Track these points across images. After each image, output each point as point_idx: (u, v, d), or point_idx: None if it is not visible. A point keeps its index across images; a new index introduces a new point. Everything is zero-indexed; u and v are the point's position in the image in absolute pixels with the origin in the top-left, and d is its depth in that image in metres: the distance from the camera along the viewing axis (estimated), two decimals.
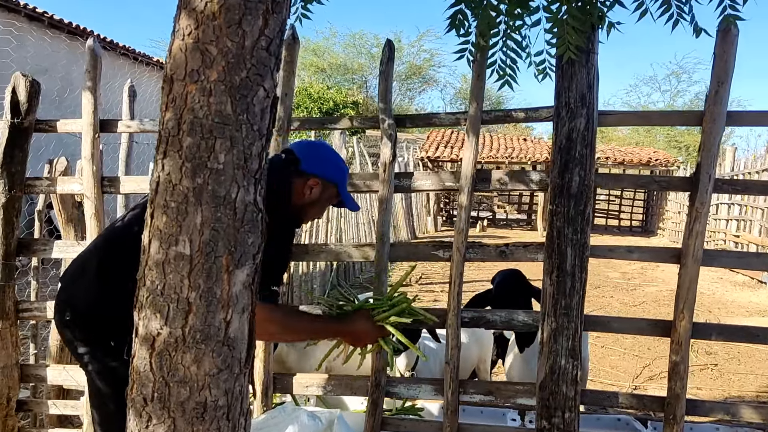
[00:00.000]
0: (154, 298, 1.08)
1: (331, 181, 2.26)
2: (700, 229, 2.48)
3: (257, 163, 1.11)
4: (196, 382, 1.07)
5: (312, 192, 2.22)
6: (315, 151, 2.29)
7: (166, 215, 1.07)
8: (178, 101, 1.06)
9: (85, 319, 1.98)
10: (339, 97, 22.47)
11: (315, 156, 2.25)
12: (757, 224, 11.38)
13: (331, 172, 2.26)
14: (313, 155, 2.25)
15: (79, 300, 2.01)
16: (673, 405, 2.54)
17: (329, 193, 2.28)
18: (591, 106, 2.50)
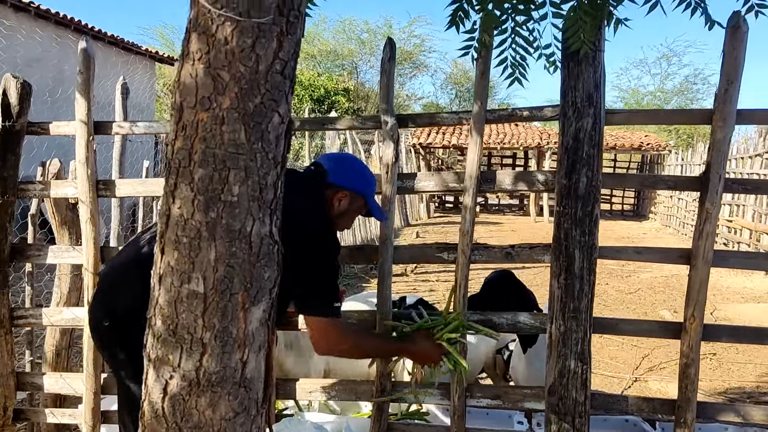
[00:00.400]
0: (165, 339, 1.02)
1: (360, 193, 2.32)
2: (710, 230, 2.44)
3: (272, 193, 1.05)
4: (212, 427, 1.02)
5: (341, 204, 2.28)
6: (342, 163, 2.36)
7: (177, 251, 1.00)
8: (189, 130, 0.99)
9: (125, 324, 1.99)
10: (330, 83, 22.29)
11: (342, 168, 2.31)
12: (750, 209, 11.40)
13: (359, 184, 2.32)
14: (341, 168, 2.31)
15: (120, 306, 2.05)
16: (683, 408, 2.51)
17: (357, 204, 2.33)
18: (598, 106, 2.44)
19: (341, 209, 2.30)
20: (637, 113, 2.63)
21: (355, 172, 2.34)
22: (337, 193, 2.27)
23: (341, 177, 2.29)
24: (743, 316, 7.17)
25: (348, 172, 2.32)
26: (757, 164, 11.22)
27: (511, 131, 21.33)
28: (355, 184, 2.31)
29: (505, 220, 19.29)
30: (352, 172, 2.33)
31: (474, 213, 2.64)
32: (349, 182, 2.29)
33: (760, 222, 10.87)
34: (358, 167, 2.39)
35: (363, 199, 2.34)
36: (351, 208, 2.32)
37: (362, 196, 2.33)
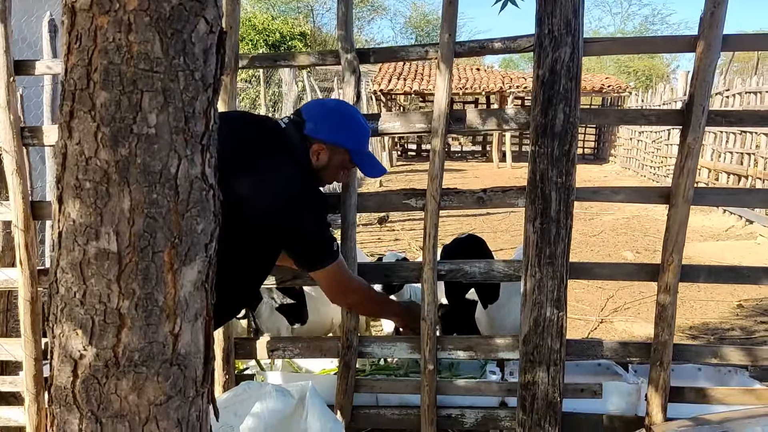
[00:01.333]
0: (71, 309, 0.80)
1: (341, 146, 2.09)
2: (692, 167, 2.30)
3: (203, 124, 0.82)
4: (138, 414, 0.82)
5: (319, 158, 2.08)
6: (321, 112, 2.12)
7: (79, 200, 0.78)
8: (85, 40, 0.76)
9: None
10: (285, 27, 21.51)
11: (321, 118, 2.08)
12: (709, 148, 11.49)
13: (339, 138, 2.09)
14: (320, 117, 2.08)
15: None
16: (660, 351, 2.42)
17: (339, 159, 2.11)
18: (577, 34, 2.24)
19: (320, 163, 2.08)
20: (617, 42, 2.43)
21: (335, 123, 2.10)
22: (314, 146, 2.06)
23: (317, 128, 2.06)
24: (703, 254, 7.24)
25: (327, 123, 2.08)
26: (717, 102, 11.25)
27: (473, 76, 21.05)
28: (334, 137, 2.08)
29: (468, 167, 19.21)
30: (331, 122, 2.09)
31: (443, 156, 2.45)
32: (327, 134, 2.07)
33: (719, 161, 10.97)
34: (342, 117, 2.13)
35: (347, 154, 2.12)
36: (331, 162, 2.10)
37: (344, 150, 2.11)
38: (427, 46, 2.46)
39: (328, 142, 2.07)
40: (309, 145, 2.06)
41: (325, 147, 2.06)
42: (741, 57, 21.15)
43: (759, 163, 9.31)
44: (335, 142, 2.08)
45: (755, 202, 2.53)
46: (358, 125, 2.15)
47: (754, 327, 4.98)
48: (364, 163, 2.17)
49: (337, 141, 2.08)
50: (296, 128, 2.07)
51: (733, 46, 2.31)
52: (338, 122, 2.10)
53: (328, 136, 2.07)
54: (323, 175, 2.13)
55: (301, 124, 2.06)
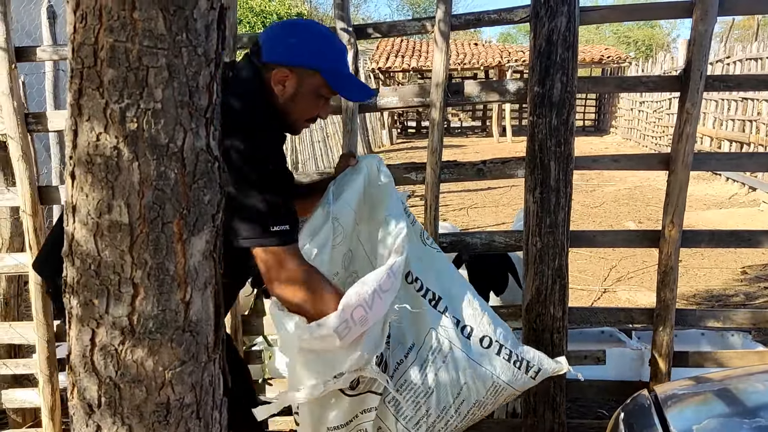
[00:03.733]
0: (87, 280, 0.84)
1: (309, 68, 1.61)
2: (690, 132, 2.31)
3: (207, 98, 0.85)
4: (154, 379, 0.86)
5: (285, 87, 1.61)
6: (281, 32, 1.65)
7: (91, 174, 0.81)
8: (90, 19, 0.78)
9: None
10: (282, 8, 21.36)
11: (279, 39, 1.62)
12: (711, 116, 11.45)
13: (305, 57, 1.61)
14: (277, 39, 1.63)
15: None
16: (662, 316, 2.46)
17: (311, 83, 1.63)
18: (573, 3, 2.25)
19: (287, 94, 1.62)
20: (614, 9, 2.43)
21: (300, 41, 1.62)
22: (275, 74, 1.59)
23: (277, 50, 1.60)
24: (706, 222, 7.26)
25: (289, 42, 1.61)
26: (718, 69, 11.18)
27: (471, 51, 20.90)
28: (301, 58, 1.60)
29: (469, 143, 19.16)
30: (295, 41, 1.62)
31: (442, 128, 2.47)
32: (288, 55, 1.60)
33: (720, 129, 10.94)
34: (308, 33, 1.65)
35: (318, 75, 1.63)
36: (302, 90, 1.63)
37: (315, 71, 1.62)
38: (423, 20, 2.47)
39: (294, 64, 1.60)
40: (268, 75, 1.60)
41: (290, 72, 1.60)
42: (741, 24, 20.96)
43: (761, 130, 9.28)
44: (303, 63, 1.61)
45: (755, 167, 2.54)
46: (329, 40, 1.68)
47: (758, 292, 5.02)
48: (344, 86, 1.70)
49: (305, 62, 1.61)
50: (249, 59, 1.64)
51: (730, 10, 2.31)
52: (304, 39, 1.63)
53: (293, 57, 1.60)
54: (293, 109, 1.66)
55: (257, 51, 1.62)
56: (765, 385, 1.58)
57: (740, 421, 1.31)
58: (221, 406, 0.95)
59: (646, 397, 1.57)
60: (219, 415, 0.94)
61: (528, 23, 2.34)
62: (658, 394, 1.54)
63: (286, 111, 1.64)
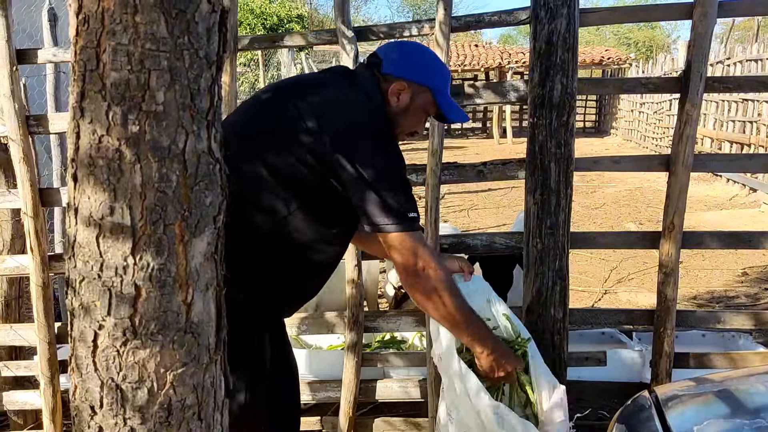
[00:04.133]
0: (89, 282, 0.84)
1: (423, 85, 1.78)
2: (690, 134, 2.32)
3: (208, 101, 0.85)
4: (156, 381, 0.86)
5: (400, 98, 1.77)
6: (401, 49, 1.86)
7: (93, 176, 0.81)
8: (93, 23, 0.79)
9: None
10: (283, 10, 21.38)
11: (401, 55, 1.82)
12: (712, 117, 11.45)
13: (420, 74, 1.79)
14: (399, 54, 1.82)
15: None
16: (663, 318, 2.46)
17: (422, 100, 1.80)
18: (573, 5, 2.26)
19: (401, 105, 1.77)
20: (614, 11, 2.44)
21: (415, 60, 1.81)
22: (394, 85, 1.76)
23: (397, 65, 1.78)
24: (707, 223, 7.26)
25: (408, 60, 1.80)
26: (718, 71, 11.19)
27: (471, 53, 20.92)
28: (417, 74, 1.79)
29: (469, 144, 19.17)
30: (413, 59, 1.81)
31: (442, 130, 2.47)
32: (408, 71, 1.78)
33: (721, 130, 10.94)
34: (423, 54, 1.85)
35: (429, 94, 1.80)
36: (414, 104, 1.79)
37: (428, 89, 1.80)
38: (423, 22, 2.48)
39: (412, 80, 1.77)
40: (387, 86, 1.76)
41: (407, 86, 1.76)
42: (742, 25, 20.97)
43: (761, 131, 9.28)
44: (419, 80, 1.78)
45: (756, 168, 2.56)
46: (439, 64, 1.88)
47: (759, 294, 5.02)
48: (447, 107, 1.86)
49: (421, 79, 1.79)
50: (370, 68, 1.80)
51: (730, 12, 2.33)
52: (421, 59, 1.83)
53: (412, 73, 1.78)
54: (402, 121, 1.81)
55: (377, 63, 1.79)
56: (766, 386, 1.58)
57: (741, 422, 1.31)
58: (223, 408, 0.95)
59: (646, 398, 1.57)
60: (220, 417, 0.94)
61: (528, 25, 2.34)
62: (658, 395, 1.54)
63: (395, 122, 1.79)
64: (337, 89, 1.72)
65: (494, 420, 1.72)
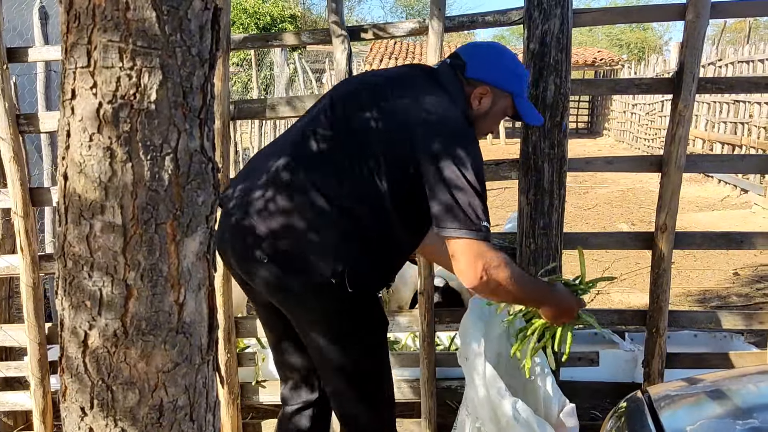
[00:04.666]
0: (80, 282, 0.83)
1: (505, 90, 1.84)
2: (683, 134, 2.32)
3: (201, 99, 0.85)
4: (147, 381, 0.85)
5: (482, 102, 1.82)
6: (483, 53, 1.88)
7: (84, 175, 0.81)
8: (84, 19, 0.78)
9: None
10: (276, 10, 21.35)
11: (483, 59, 1.85)
12: (703, 119, 11.51)
13: (504, 79, 1.84)
14: (482, 58, 1.85)
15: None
16: (655, 318, 2.47)
17: (503, 104, 1.86)
18: (566, 5, 2.26)
19: (482, 109, 1.83)
20: (607, 12, 2.45)
21: (499, 64, 1.85)
22: (477, 89, 1.80)
23: (482, 69, 1.82)
24: (699, 224, 7.29)
25: (490, 64, 1.84)
26: (710, 72, 11.24)
27: None
28: (500, 79, 1.83)
29: None
30: (495, 63, 1.85)
31: None
32: (492, 76, 1.82)
33: (712, 131, 11.00)
34: (504, 58, 1.87)
35: (510, 98, 1.85)
36: (494, 108, 1.84)
37: (509, 93, 1.84)
38: (417, 22, 2.47)
39: (494, 84, 1.82)
40: (470, 89, 1.81)
41: (489, 90, 1.81)
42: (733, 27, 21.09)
43: (753, 132, 9.33)
44: (501, 85, 1.83)
45: (747, 168, 2.57)
46: (521, 69, 1.90)
47: (752, 293, 5.05)
48: (526, 110, 1.90)
49: (503, 84, 1.83)
50: (453, 70, 1.84)
51: (722, 13, 2.33)
52: (503, 63, 1.86)
53: (495, 78, 1.83)
54: (481, 123, 1.86)
55: (461, 66, 1.83)
56: (758, 386, 1.59)
57: (733, 422, 1.31)
58: (215, 408, 0.94)
59: (639, 398, 1.58)
60: (212, 418, 0.93)
61: (521, 25, 2.34)
62: (651, 396, 1.54)
63: (476, 124, 1.84)
64: (428, 91, 1.75)
65: (511, 415, 1.80)
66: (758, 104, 9.18)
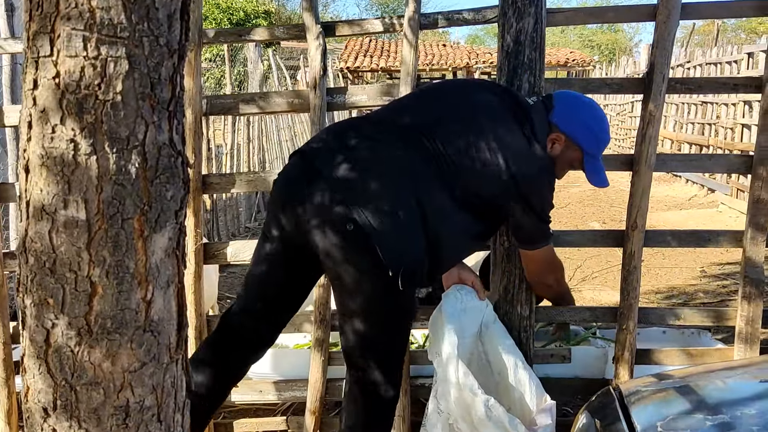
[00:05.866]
0: (42, 279, 0.80)
1: (578, 144, 2.01)
2: (653, 134, 2.35)
3: (169, 90, 0.82)
4: (113, 381, 0.83)
5: (553, 147, 2.00)
6: (572, 105, 2.04)
7: (46, 168, 0.78)
8: (46, 6, 0.75)
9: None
10: (249, 6, 21.16)
11: (569, 110, 2.01)
12: (672, 119, 11.70)
13: (581, 135, 2.00)
14: (568, 109, 2.01)
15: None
16: (626, 315, 2.49)
17: (572, 156, 2.03)
18: (540, 4, 2.27)
19: (553, 153, 2.01)
20: (579, 11, 2.46)
21: (581, 120, 2.01)
22: (552, 135, 1.98)
23: (564, 119, 1.98)
24: (667, 222, 7.41)
25: (574, 117, 2.00)
26: (678, 74, 11.43)
27: (439, 52, 21.00)
28: (576, 133, 1.99)
29: None
30: (578, 118, 2.01)
31: None
32: (571, 127, 1.99)
33: (681, 132, 11.18)
34: (590, 117, 2.04)
35: (580, 153, 2.02)
36: (563, 157, 2.02)
37: (580, 148, 2.01)
38: (393, 18, 2.46)
39: (570, 135, 1.99)
40: (549, 131, 1.99)
41: (564, 139, 1.99)
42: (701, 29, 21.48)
43: (719, 133, 9.51)
44: (576, 138, 2.00)
45: (715, 167, 2.61)
46: (603, 130, 2.07)
47: (717, 290, 5.14)
48: (592, 170, 2.07)
49: (578, 138, 2.00)
50: (544, 111, 2.01)
51: (692, 15, 2.36)
52: (586, 120, 2.03)
53: (572, 129, 1.99)
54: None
55: (549, 107, 2.01)
56: (725, 382, 1.61)
57: (703, 417, 1.33)
58: (183, 409, 0.92)
59: (610, 394, 1.59)
60: (181, 418, 0.91)
61: (496, 24, 2.35)
62: (622, 391, 1.56)
63: None
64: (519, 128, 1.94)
65: (483, 413, 1.84)
66: (725, 105, 9.36)
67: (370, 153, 1.81)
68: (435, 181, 1.81)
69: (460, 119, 1.92)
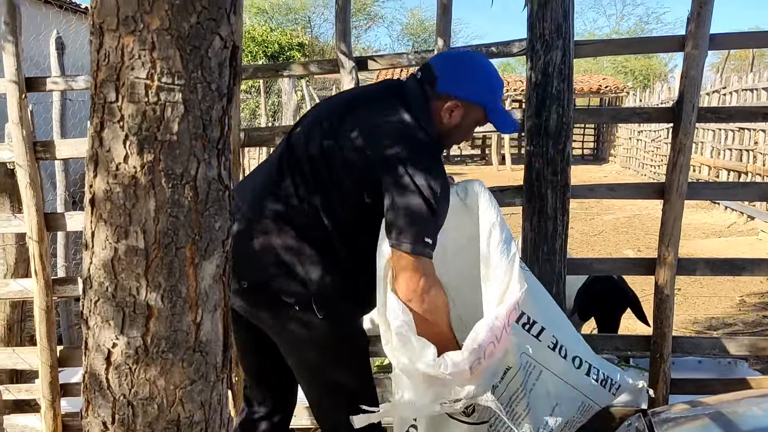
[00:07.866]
0: (104, 303, 0.88)
1: (478, 104, 1.82)
2: (684, 162, 2.37)
3: (219, 131, 0.91)
4: (165, 397, 0.90)
5: (452, 116, 1.80)
6: (457, 66, 1.86)
7: (110, 202, 0.86)
8: (113, 58, 0.84)
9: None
10: (284, 38, 21.67)
11: (456, 73, 1.83)
12: (709, 146, 11.56)
13: (476, 93, 1.82)
14: (455, 72, 1.83)
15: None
16: (659, 344, 2.49)
17: (474, 116, 1.85)
18: (567, 37, 2.33)
19: (452, 122, 1.81)
20: (608, 43, 2.52)
21: (471, 78, 1.82)
22: (447, 103, 1.78)
23: (454, 84, 1.79)
24: (705, 250, 7.29)
25: (463, 78, 1.82)
26: (714, 100, 11.33)
27: None
28: (473, 93, 1.81)
29: (468, 171, 19.26)
30: (468, 77, 1.82)
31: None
32: (464, 91, 1.80)
33: (718, 158, 11.04)
34: (479, 71, 1.85)
35: (482, 111, 1.84)
36: (465, 121, 1.84)
37: (481, 107, 1.83)
38: (423, 53, 2.55)
39: (465, 98, 1.80)
40: (440, 103, 1.79)
41: (461, 104, 1.79)
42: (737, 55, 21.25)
43: (758, 159, 9.37)
44: (474, 99, 1.81)
45: (749, 196, 2.61)
46: (494, 77, 1.87)
47: (756, 321, 5.04)
48: (499, 120, 1.89)
49: (475, 98, 1.81)
50: (420, 85, 1.82)
51: (720, 45, 2.40)
52: (476, 76, 1.84)
53: (465, 91, 1.80)
54: (453, 134, 1.87)
55: (432, 80, 1.80)
56: (760, 408, 1.61)
57: None
58: (228, 425, 0.99)
59: (640, 420, 1.60)
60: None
61: (524, 56, 2.41)
62: (652, 419, 1.57)
63: (444, 136, 1.85)
64: (388, 107, 1.77)
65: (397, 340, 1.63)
66: (763, 131, 9.23)
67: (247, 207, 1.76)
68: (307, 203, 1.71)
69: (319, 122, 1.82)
